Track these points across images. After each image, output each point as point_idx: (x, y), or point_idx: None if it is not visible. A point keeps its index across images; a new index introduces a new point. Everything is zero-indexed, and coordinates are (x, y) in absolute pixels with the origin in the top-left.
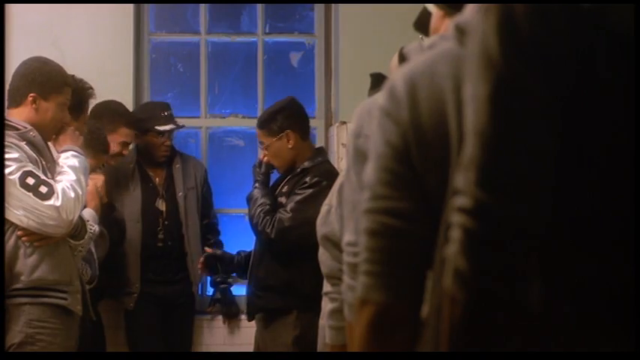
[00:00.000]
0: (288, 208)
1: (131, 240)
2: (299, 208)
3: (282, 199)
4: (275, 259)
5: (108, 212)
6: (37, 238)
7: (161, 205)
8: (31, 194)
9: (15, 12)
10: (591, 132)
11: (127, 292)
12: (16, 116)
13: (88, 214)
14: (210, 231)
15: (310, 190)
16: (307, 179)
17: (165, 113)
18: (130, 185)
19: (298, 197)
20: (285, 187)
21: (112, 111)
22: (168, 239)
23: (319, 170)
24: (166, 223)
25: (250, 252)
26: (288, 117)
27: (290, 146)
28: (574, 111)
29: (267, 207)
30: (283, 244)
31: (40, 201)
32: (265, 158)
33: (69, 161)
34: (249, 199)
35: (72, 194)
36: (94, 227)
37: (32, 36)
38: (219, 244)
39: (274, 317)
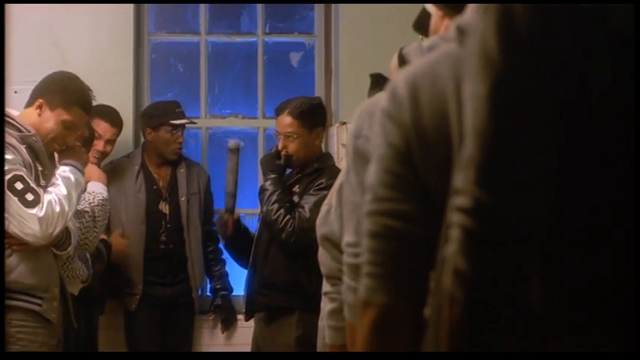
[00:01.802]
0: (307, 209)
1: (135, 242)
2: (317, 210)
3: (295, 199)
4: (281, 257)
5: None
6: (16, 243)
7: (164, 208)
8: (16, 199)
9: (15, 12)
10: (591, 131)
11: (129, 293)
12: (24, 117)
13: (94, 185)
14: (209, 238)
15: (326, 192)
16: (323, 180)
17: (179, 110)
18: (134, 187)
19: (315, 198)
20: (297, 187)
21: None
22: (170, 242)
23: (334, 172)
24: (169, 226)
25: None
26: (324, 115)
27: (317, 143)
28: (573, 110)
29: (288, 205)
30: (301, 245)
31: (23, 207)
32: (285, 150)
33: (64, 174)
34: (262, 192)
35: (57, 208)
36: (102, 193)
37: (32, 36)
38: (219, 252)
39: (276, 316)
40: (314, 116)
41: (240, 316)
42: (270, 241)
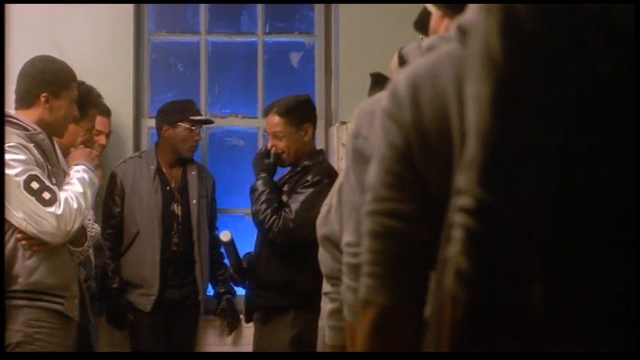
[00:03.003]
0: (293, 208)
1: (151, 243)
2: (303, 208)
3: (284, 198)
4: (274, 257)
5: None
6: (36, 243)
7: (176, 210)
8: (33, 199)
9: (15, 12)
10: (593, 131)
11: (144, 294)
12: (27, 117)
13: (91, 214)
14: (213, 242)
15: (312, 189)
16: (309, 177)
17: (196, 107)
18: (151, 188)
19: (301, 197)
20: (286, 186)
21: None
22: (181, 244)
23: (320, 168)
24: (180, 227)
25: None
26: (311, 111)
27: (306, 139)
28: (576, 110)
29: (275, 204)
30: (288, 245)
31: (41, 207)
32: (274, 149)
33: (78, 174)
34: (252, 191)
35: (74, 205)
36: (95, 227)
37: (32, 36)
38: (222, 256)
39: (272, 316)
40: (301, 113)
41: (242, 316)
42: (262, 241)
